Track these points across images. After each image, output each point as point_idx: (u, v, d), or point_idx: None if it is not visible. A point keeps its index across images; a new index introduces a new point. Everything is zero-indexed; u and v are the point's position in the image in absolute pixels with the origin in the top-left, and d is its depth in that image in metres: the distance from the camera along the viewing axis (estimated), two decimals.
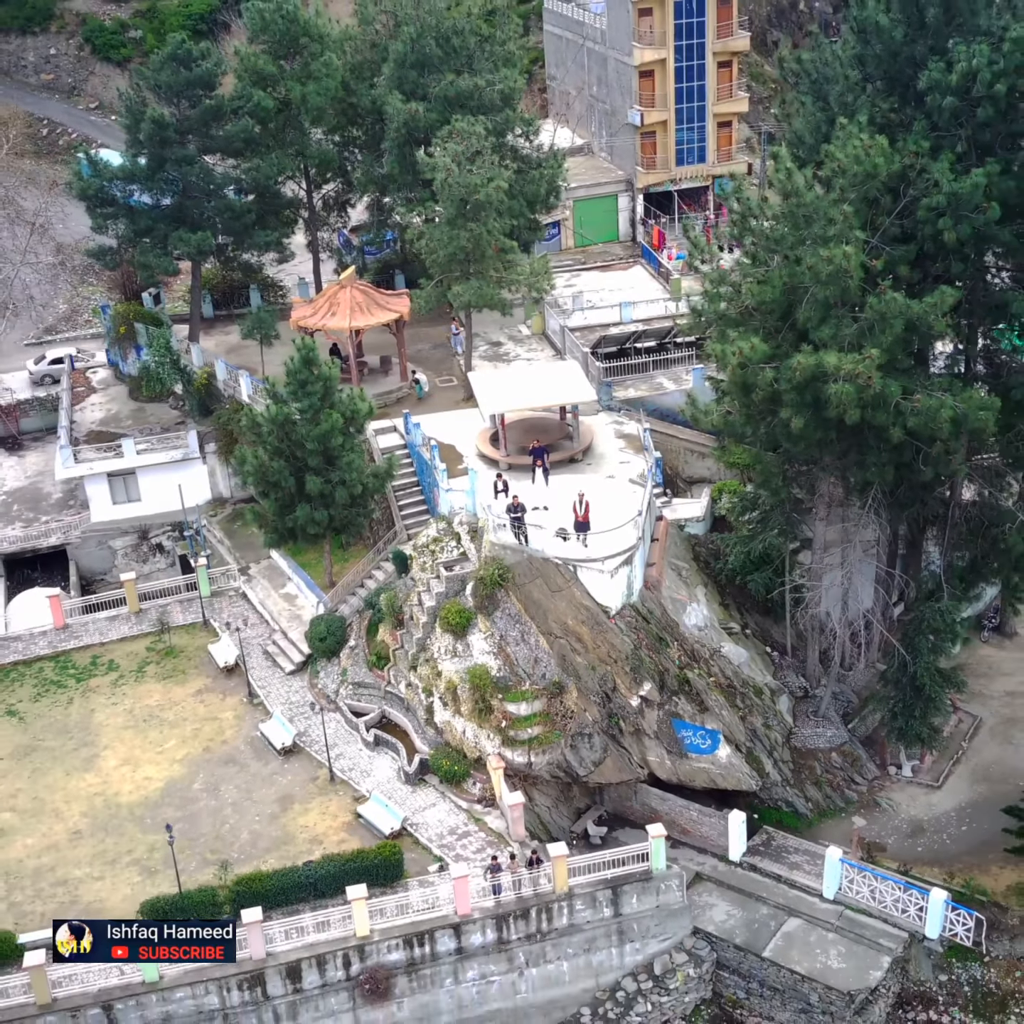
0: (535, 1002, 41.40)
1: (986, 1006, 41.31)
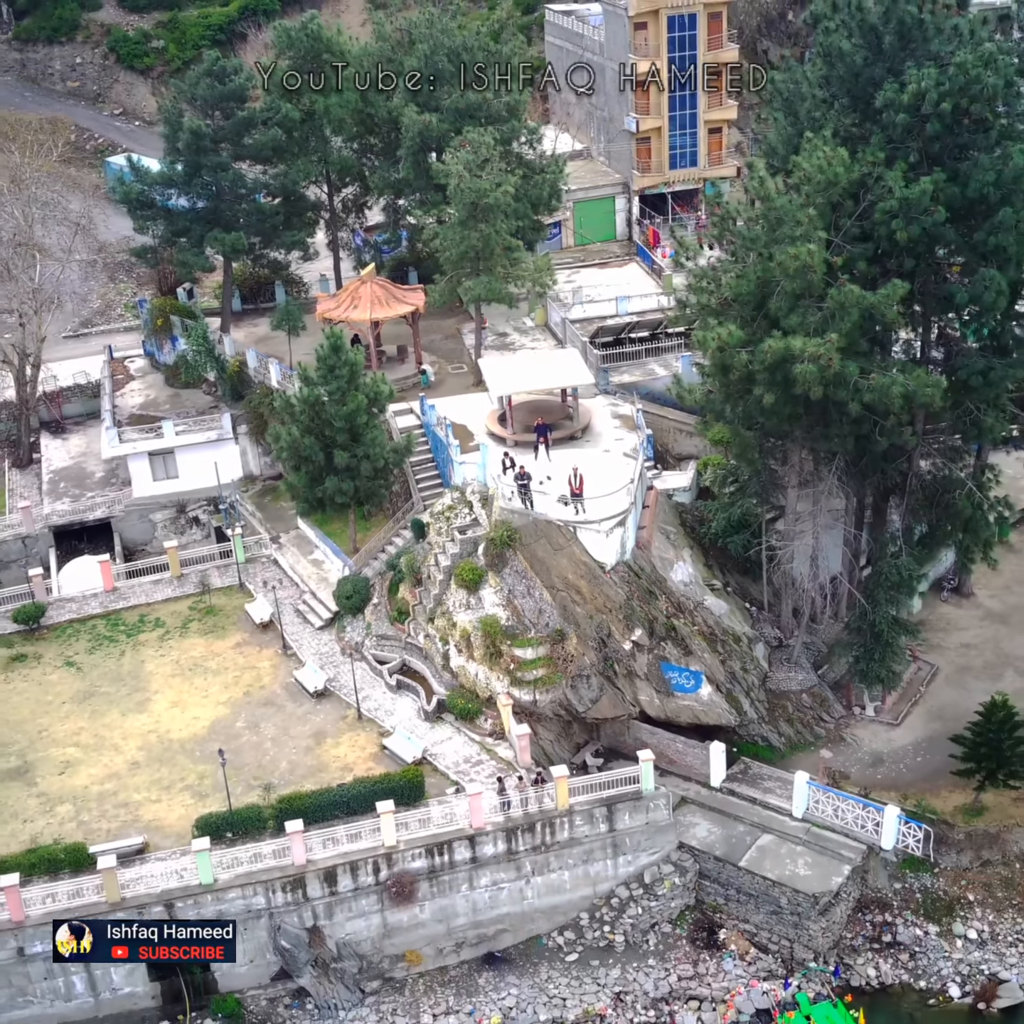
0: (540, 907, 47.62)
1: (935, 910, 47.49)
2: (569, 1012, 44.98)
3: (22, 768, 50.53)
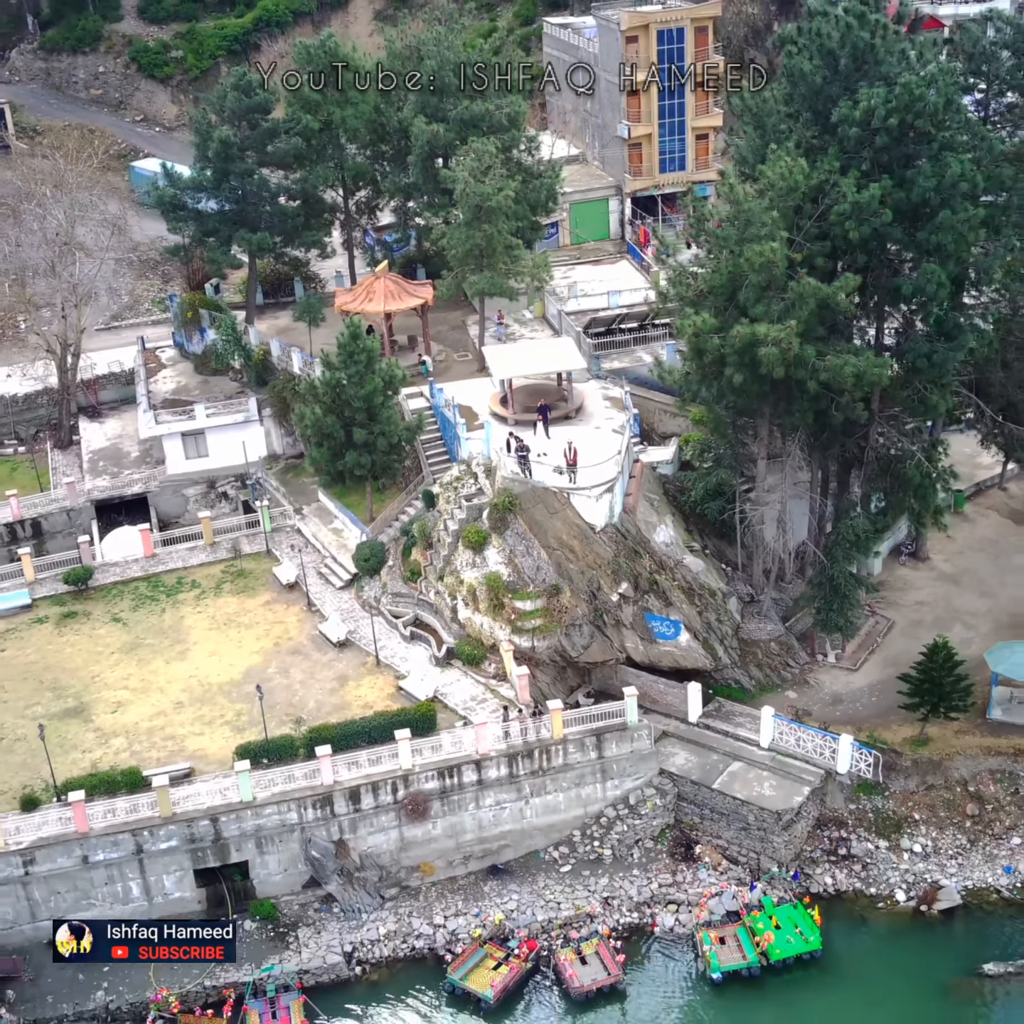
0: (538, 825, 54.61)
1: (885, 827, 54.45)
2: (563, 912, 51.94)
3: (79, 708, 57.56)
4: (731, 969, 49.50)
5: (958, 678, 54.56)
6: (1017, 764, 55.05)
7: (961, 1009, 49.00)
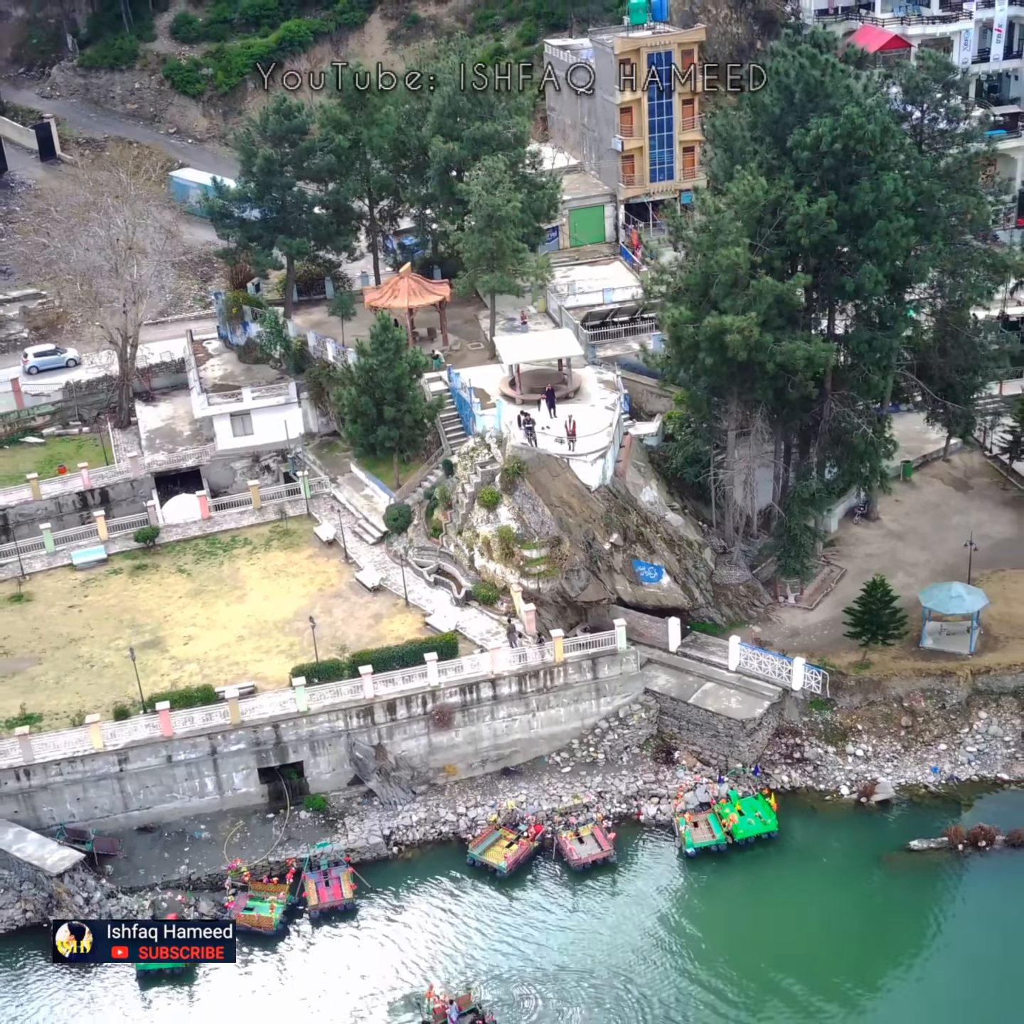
0: (542, 735, 66.11)
1: (833, 736, 65.91)
2: (564, 803, 63.40)
3: (155, 641, 69.10)
4: (702, 846, 60.96)
5: (893, 611, 66.10)
6: (944, 684, 66.56)
7: (892, 876, 60.33)
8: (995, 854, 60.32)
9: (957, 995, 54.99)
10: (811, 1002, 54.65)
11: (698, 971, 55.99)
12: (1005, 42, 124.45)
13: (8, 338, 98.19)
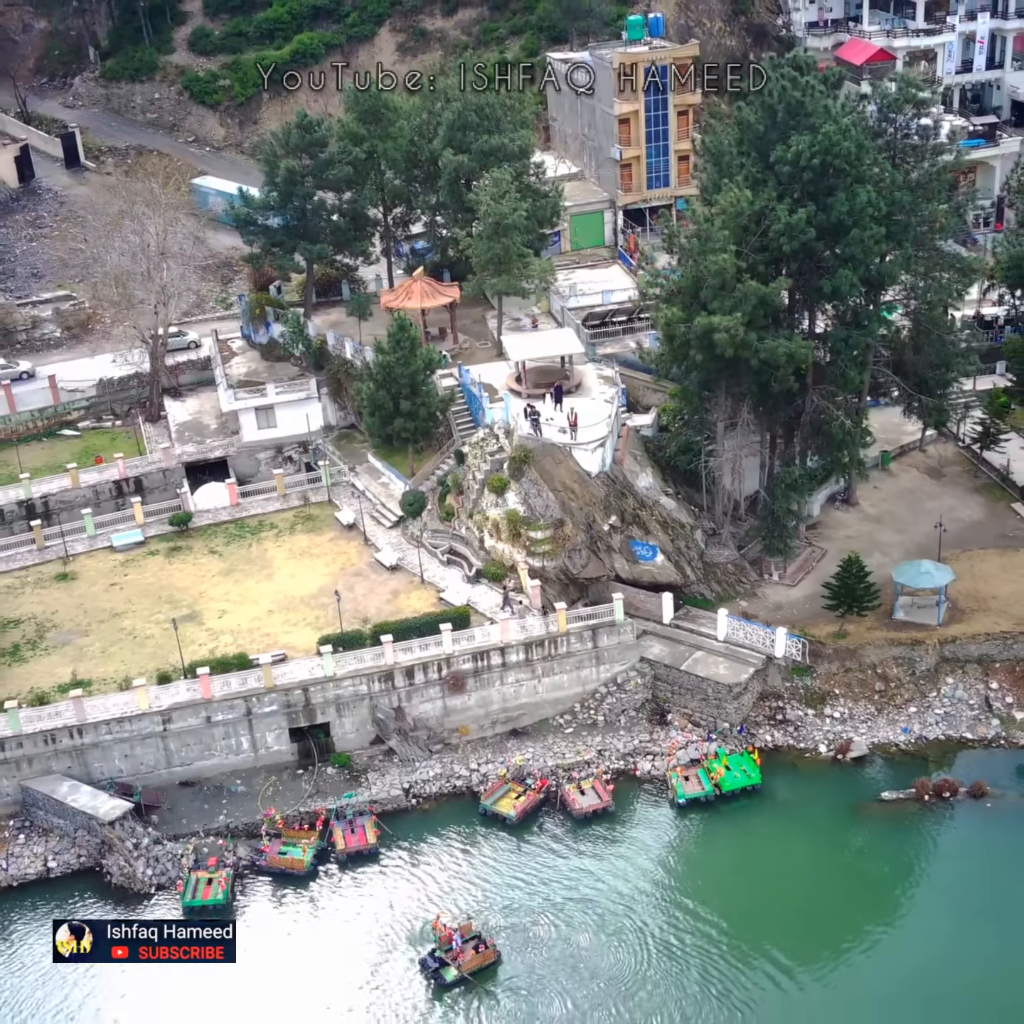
0: (547, 699, 72.91)
1: (812, 699, 72.70)
2: (567, 759, 70.22)
3: (192, 615, 75.87)
4: (693, 797, 67.73)
5: (867, 585, 72.95)
6: (914, 652, 73.37)
7: (864, 824, 67.17)
8: (958, 804, 67.10)
9: (923, 927, 61.82)
10: (789, 928, 61.48)
11: (691, 905, 62.69)
12: (987, 53, 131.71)
13: (42, 337, 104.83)
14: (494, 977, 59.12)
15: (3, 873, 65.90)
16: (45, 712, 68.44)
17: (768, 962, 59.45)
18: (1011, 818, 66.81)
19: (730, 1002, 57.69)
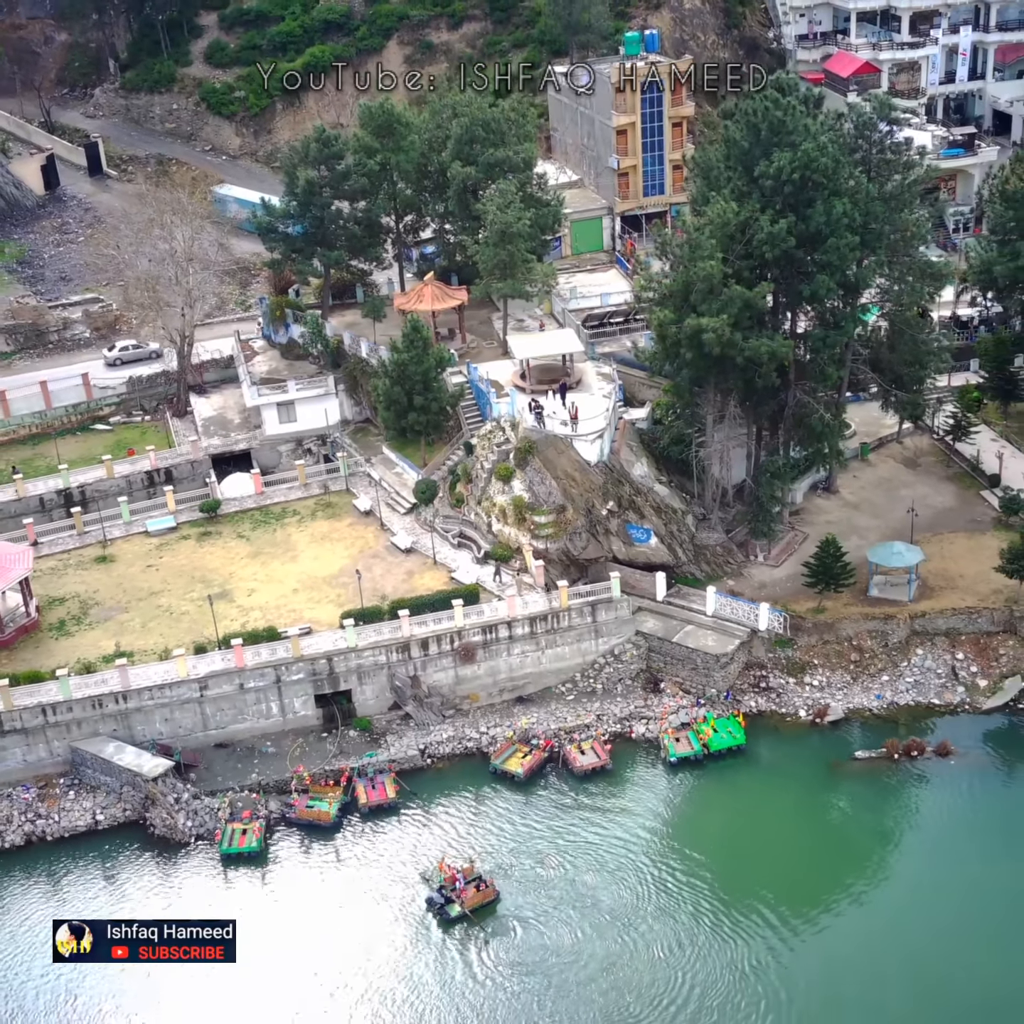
0: (550, 669, 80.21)
1: (793, 669, 79.99)
2: (568, 723, 77.50)
3: (223, 593, 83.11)
4: (683, 756, 74.95)
5: (844, 564, 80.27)
6: (887, 626, 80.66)
7: (839, 779, 74.41)
8: (925, 762, 74.34)
9: (891, 868, 69.44)
10: (771, 870, 68.74)
11: (682, 851, 69.99)
12: (969, 64, 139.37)
13: (73, 338, 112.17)
14: (494, 913, 66.41)
15: (56, 825, 73.17)
16: (92, 680, 75.76)
17: (753, 899, 66.64)
18: (973, 774, 74.17)
19: (721, 933, 64.87)
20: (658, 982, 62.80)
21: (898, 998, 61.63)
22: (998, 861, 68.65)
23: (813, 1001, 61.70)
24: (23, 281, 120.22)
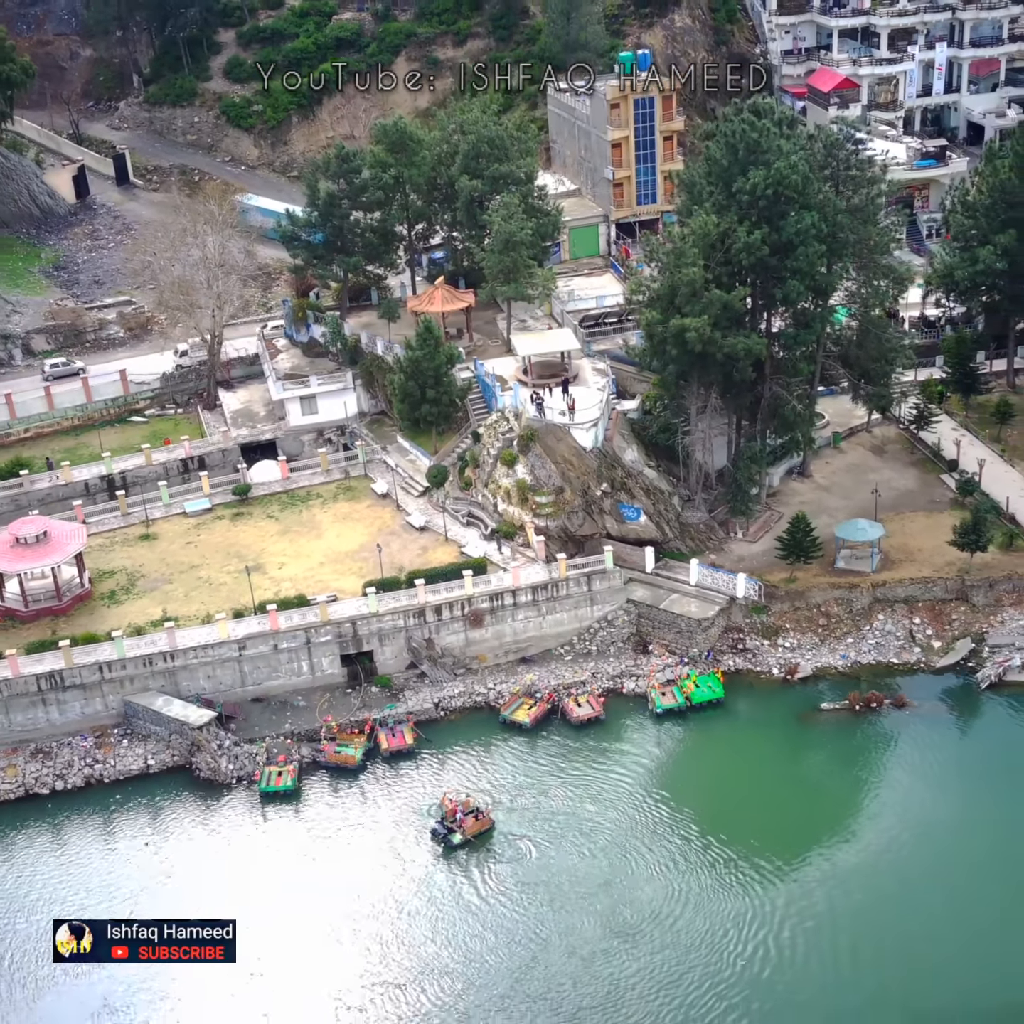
0: (550, 633, 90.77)
1: (768, 632, 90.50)
2: (567, 680, 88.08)
3: (256, 566, 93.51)
4: (668, 707, 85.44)
5: (812, 539, 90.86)
6: (851, 594, 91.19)
7: (806, 727, 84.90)
8: (883, 712, 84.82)
9: (855, 803, 79.92)
10: (745, 804, 79.38)
11: (668, 790, 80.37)
12: (945, 78, 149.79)
13: (107, 337, 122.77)
14: (495, 839, 76.89)
15: (112, 769, 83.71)
16: (143, 641, 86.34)
17: (733, 827, 76.95)
18: (926, 722, 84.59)
19: (708, 856, 75.09)
20: (654, 899, 72.86)
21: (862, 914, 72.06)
22: (949, 796, 79.06)
23: (792, 910, 71.69)
24: (59, 285, 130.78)
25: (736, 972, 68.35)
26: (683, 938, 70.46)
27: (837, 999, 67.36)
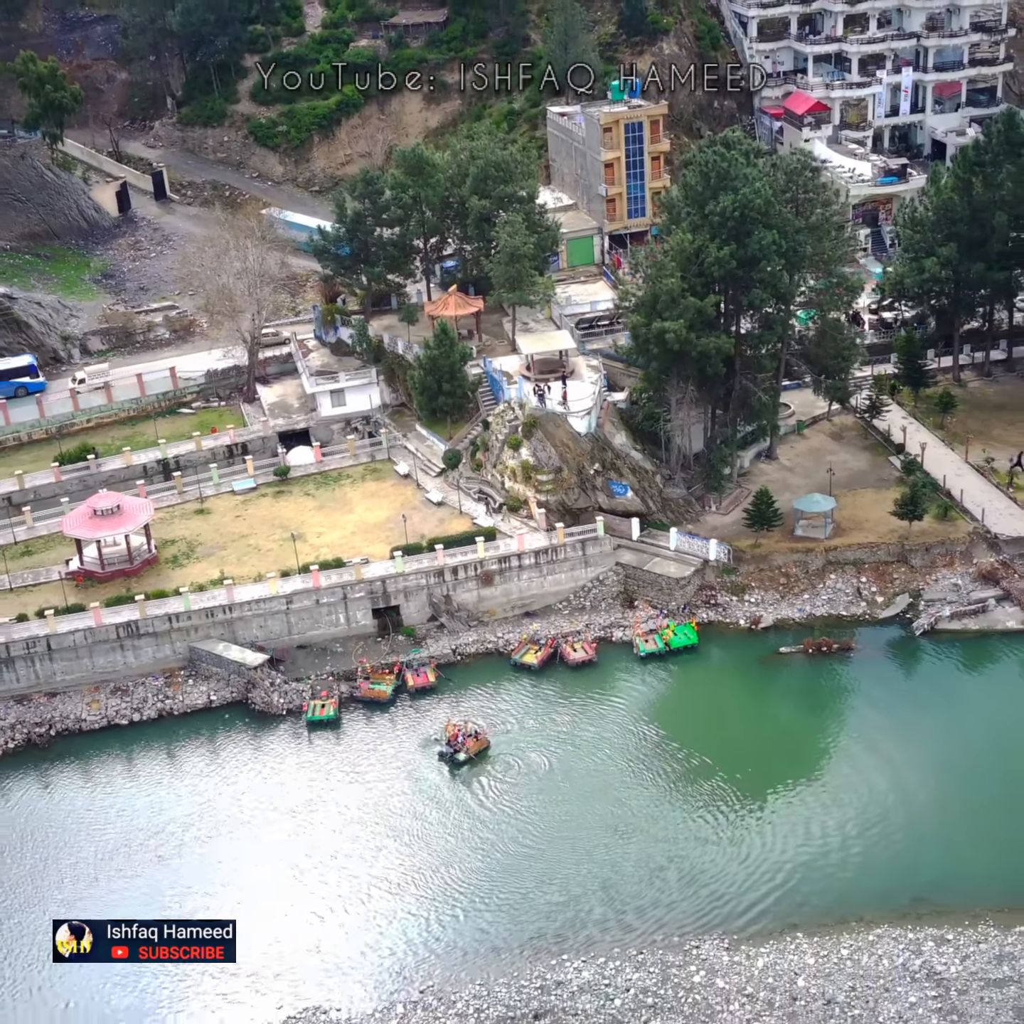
0: (550, 591, 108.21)
1: (736, 590, 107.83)
2: (564, 629, 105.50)
3: (299, 535, 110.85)
4: (650, 651, 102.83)
5: (774, 510, 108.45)
6: (808, 557, 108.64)
7: (767, 667, 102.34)
8: (832, 655, 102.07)
9: (805, 728, 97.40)
10: (717, 732, 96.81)
11: (651, 722, 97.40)
12: (911, 100, 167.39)
13: (155, 338, 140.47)
14: (489, 757, 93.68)
15: (180, 703, 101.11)
16: (205, 596, 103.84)
17: (708, 747, 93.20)
18: (870, 663, 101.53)
19: (690, 768, 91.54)
20: (647, 804, 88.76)
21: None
22: (891, 721, 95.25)
23: (758, 804, 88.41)
24: (108, 291, 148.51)
25: (717, 860, 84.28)
26: (671, 832, 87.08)
27: (791, 866, 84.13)
